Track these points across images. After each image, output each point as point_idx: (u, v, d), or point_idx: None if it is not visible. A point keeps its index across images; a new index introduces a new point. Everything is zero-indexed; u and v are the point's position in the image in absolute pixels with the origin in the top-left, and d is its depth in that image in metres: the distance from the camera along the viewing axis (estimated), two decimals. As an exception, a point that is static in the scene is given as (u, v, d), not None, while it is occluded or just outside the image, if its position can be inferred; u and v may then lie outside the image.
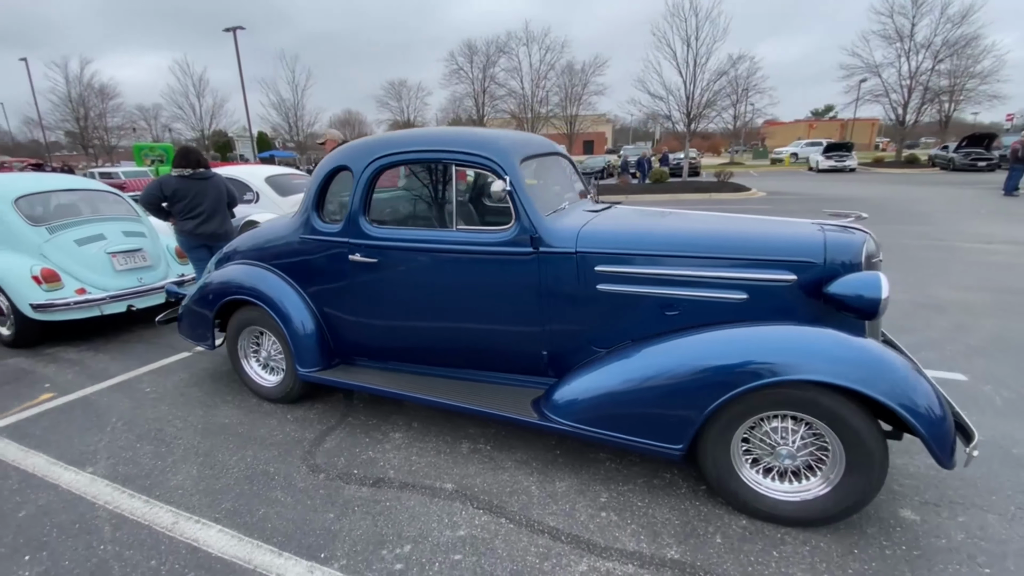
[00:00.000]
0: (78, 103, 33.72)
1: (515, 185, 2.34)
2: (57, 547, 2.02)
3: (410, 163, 2.59)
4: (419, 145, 2.53)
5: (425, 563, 1.89)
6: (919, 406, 1.78)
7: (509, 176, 2.33)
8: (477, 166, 2.41)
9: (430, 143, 2.52)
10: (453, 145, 2.46)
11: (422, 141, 2.55)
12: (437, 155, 2.50)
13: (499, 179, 2.32)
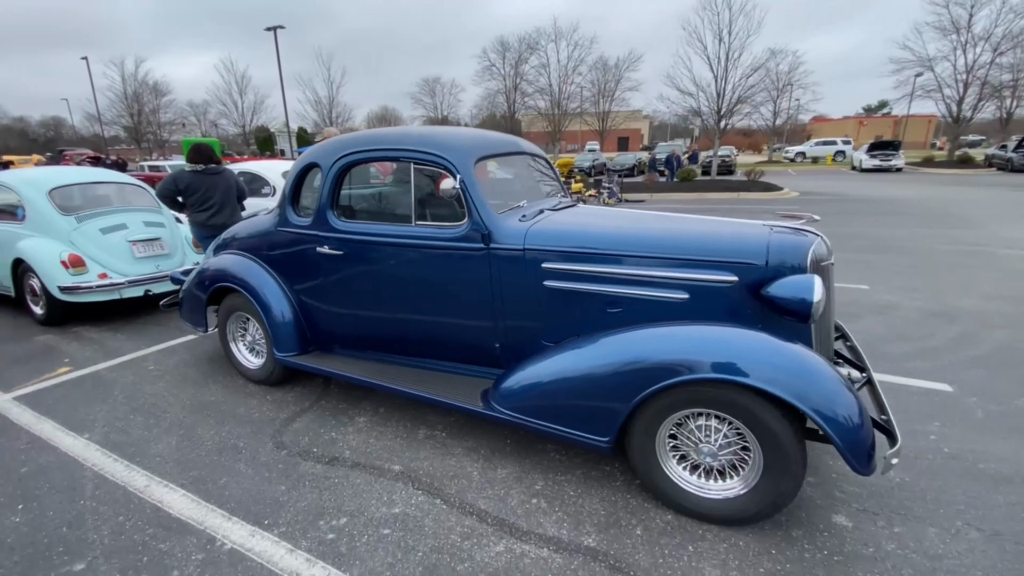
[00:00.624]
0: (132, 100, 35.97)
1: (466, 183, 2.44)
2: (46, 500, 2.28)
3: (372, 160, 2.72)
4: (381, 144, 2.67)
5: (355, 535, 2.03)
6: (834, 412, 1.77)
7: (460, 175, 2.43)
8: (432, 164, 2.52)
9: (391, 142, 2.65)
10: (410, 144, 2.58)
11: (384, 140, 2.68)
12: (396, 153, 2.62)
13: (450, 177, 2.42)
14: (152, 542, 2.01)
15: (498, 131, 9.92)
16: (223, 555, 1.94)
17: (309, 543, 1.99)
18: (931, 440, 2.65)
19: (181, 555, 1.94)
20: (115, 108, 36.41)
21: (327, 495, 2.27)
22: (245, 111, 38.99)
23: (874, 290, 5.43)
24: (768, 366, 1.85)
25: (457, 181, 2.40)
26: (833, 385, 1.85)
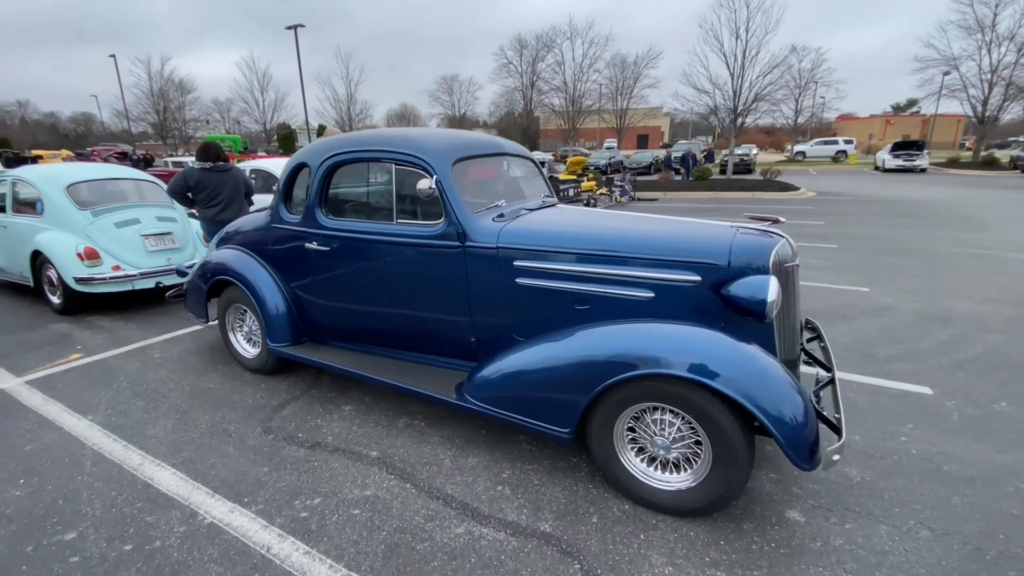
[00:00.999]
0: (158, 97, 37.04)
1: (443, 184, 2.54)
2: (46, 475, 2.46)
3: (357, 161, 2.84)
4: (365, 145, 2.79)
5: (327, 514, 2.16)
6: (777, 410, 1.83)
7: (437, 175, 2.54)
8: (410, 164, 2.63)
9: (374, 143, 2.77)
10: (391, 145, 2.70)
11: (368, 141, 2.80)
12: (379, 154, 2.74)
13: (427, 177, 2.53)
14: (139, 515, 2.17)
15: (515, 129, 9.69)
16: (202, 528, 2.08)
17: (283, 520, 2.12)
18: (900, 441, 2.67)
19: (164, 527, 2.09)
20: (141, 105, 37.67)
21: (305, 477, 2.41)
22: (266, 108, 39.83)
23: (874, 292, 5.38)
24: (717, 363, 1.91)
25: (433, 181, 2.51)
26: (779, 384, 1.91)
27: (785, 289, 2.31)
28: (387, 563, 1.90)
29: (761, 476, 2.40)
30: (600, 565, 1.88)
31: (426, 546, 1.98)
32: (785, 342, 2.35)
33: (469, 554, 1.94)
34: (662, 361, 1.95)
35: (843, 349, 3.85)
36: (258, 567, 1.88)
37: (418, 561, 1.91)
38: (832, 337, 4.08)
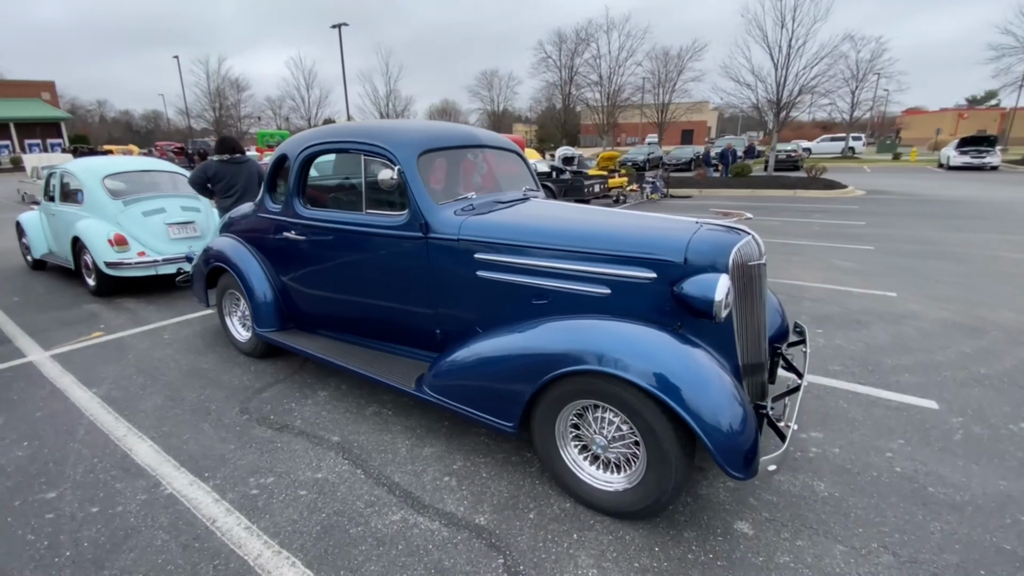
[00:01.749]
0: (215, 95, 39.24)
1: (406, 174, 2.57)
2: (46, 439, 2.68)
3: (330, 152, 2.92)
4: (337, 137, 2.86)
5: (275, 493, 2.24)
6: (710, 414, 1.75)
7: (400, 165, 2.57)
8: (375, 155, 2.67)
9: (346, 135, 2.83)
10: (360, 136, 2.75)
11: (340, 133, 2.86)
12: (348, 145, 2.80)
13: (389, 168, 2.56)
14: (112, 481, 2.33)
15: (554, 124, 9.51)
16: (161, 498, 2.21)
17: (234, 496, 2.23)
18: (885, 457, 2.49)
19: (129, 495, 2.23)
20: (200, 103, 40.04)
21: (266, 457, 2.51)
22: (311, 105, 41.40)
23: (901, 298, 5.02)
24: (651, 364, 1.85)
25: (395, 172, 2.54)
26: (716, 388, 1.82)
27: (748, 289, 2.20)
28: (317, 543, 1.95)
29: (718, 484, 2.30)
30: (524, 561, 1.87)
31: (359, 530, 2.02)
32: (749, 344, 2.24)
33: (398, 541, 1.97)
34: (597, 358, 1.90)
35: (846, 356, 3.62)
36: (200, 537, 1.98)
37: (347, 544, 1.95)
38: (838, 344, 3.85)
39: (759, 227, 9.13)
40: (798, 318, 4.44)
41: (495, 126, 50.78)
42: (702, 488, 2.27)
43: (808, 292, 5.26)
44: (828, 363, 3.53)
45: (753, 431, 1.81)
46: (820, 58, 16.53)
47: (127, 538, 1.98)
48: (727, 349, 2.14)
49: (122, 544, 1.95)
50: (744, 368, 2.20)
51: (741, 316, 2.17)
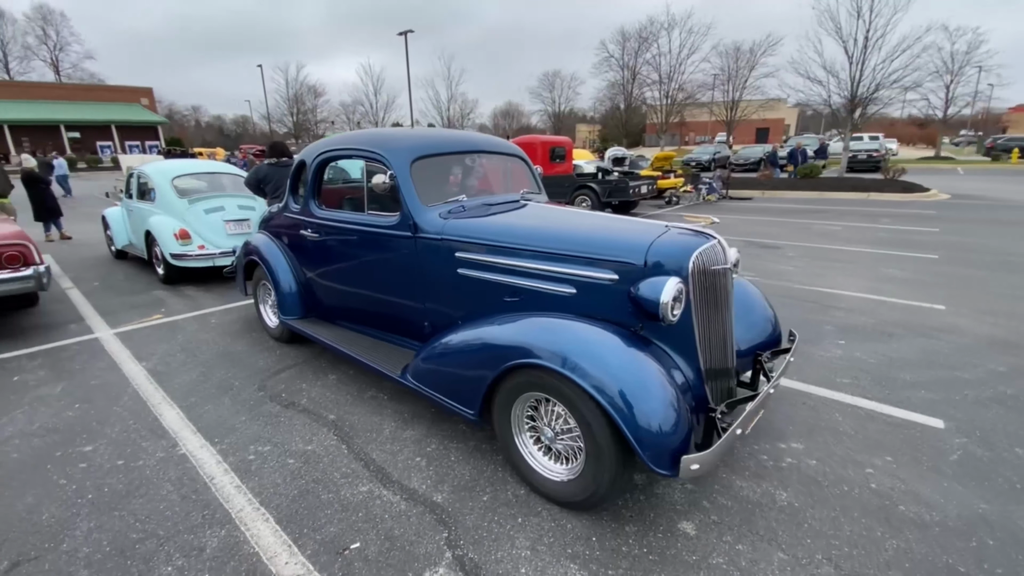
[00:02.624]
0: (292, 101, 42.21)
1: (398, 178, 2.78)
2: (94, 403, 3.14)
3: (340, 158, 3.20)
4: (344, 144, 3.13)
5: (268, 459, 2.53)
6: (638, 411, 1.81)
7: (392, 170, 2.79)
8: (374, 161, 2.91)
9: (350, 142, 3.10)
10: (363, 144, 3.00)
11: (348, 141, 3.14)
12: (353, 152, 3.07)
13: (382, 173, 2.79)
14: (139, 440, 2.72)
15: (615, 123, 9.40)
16: (175, 457, 2.57)
17: (234, 459, 2.54)
18: (864, 473, 2.39)
19: (150, 452, 2.61)
20: (280, 108, 43.26)
21: (268, 428, 2.82)
22: (378, 110, 43.42)
23: (949, 311, 4.64)
24: (587, 360, 1.93)
25: (387, 176, 2.76)
26: (649, 388, 1.87)
27: (710, 294, 2.22)
28: (292, 504, 2.21)
29: (675, 485, 2.32)
30: (466, 537, 2.01)
31: (329, 497, 2.26)
32: (712, 350, 2.25)
33: (360, 509, 2.18)
34: (543, 353, 2.00)
35: (859, 369, 3.44)
36: (198, 491, 2.30)
37: (316, 507, 2.19)
38: (856, 356, 3.67)
39: (820, 232, 8.66)
40: (822, 328, 4.25)
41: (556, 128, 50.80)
42: (659, 487, 2.31)
43: (842, 301, 4.98)
44: (837, 375, 3.38)
45: (684, 432, 1.85)
46: (903, 50, 15.19)
47: (139, 487, 2.33)
48: (688, 352, 2.17)
49: (135, 492, 2.30)
50: (708, 372, 2.22)
51: (703, 320, 2.19)
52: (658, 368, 1.96)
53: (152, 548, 1.97)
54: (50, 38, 44.87)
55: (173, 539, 2.01)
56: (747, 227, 9.67)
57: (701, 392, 2.18)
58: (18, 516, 2.14)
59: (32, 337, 4.27)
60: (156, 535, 2.03)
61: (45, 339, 4.22)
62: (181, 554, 1.94)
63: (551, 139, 12.55)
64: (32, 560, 1.91)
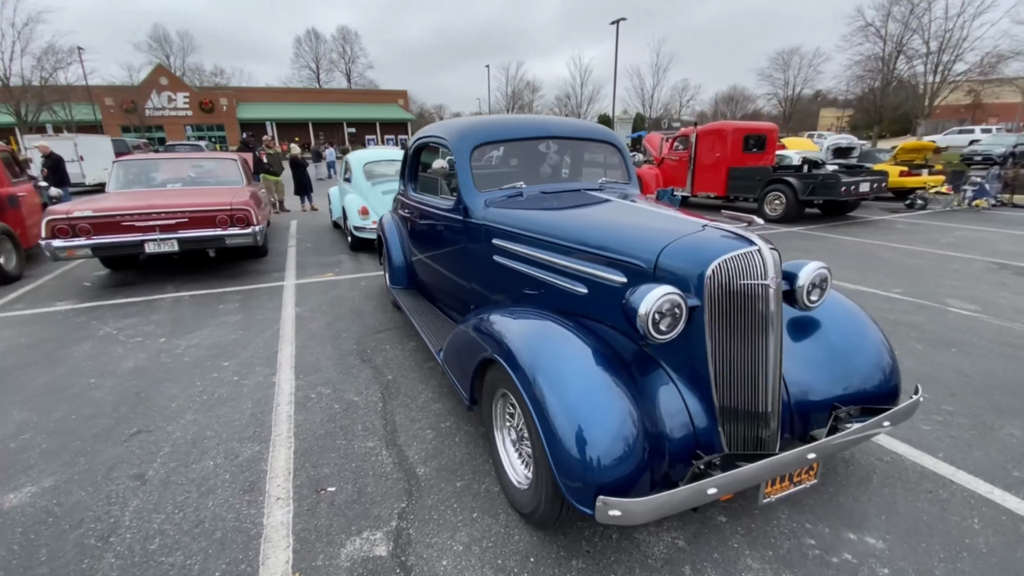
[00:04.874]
0: (510, 98, 45.81)
1: (456, 164, 2.89)
2: (250, 333, 4.10)
3: (425, 145, 3.43)
4: (429, 132, 3.36)
5: (322, 400, 2.97)
6: (572, 440, 1.56)
7: (452, 156, 2.90)
8: (442, 147, 3.06)
9: (432, 130, 3.31)
10: (436, 131, 3.18)
11: (432, 129, 3.35)
12: (431, 139, 3.27)
13: (441, 158, 2.92)
14: (255, 364, 3.47)
15: (867, 105, 8.28)
16: (269, 382, 3.21)
17: (301, 394, 3.05)
18: None
19: (257, 374, 3.31)
20: (500, 105, 47.44)
21: (340, 376, 3.29)
22: (582, 101, 44.01)
23: None
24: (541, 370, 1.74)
25: (446, 161, 2.89)
26: (597, 411, 1.60)
27: (742, 315, 1.75)
28: (314, 440, 2.57)
29: (662, 536, 1.94)
30: (418, 515, 2.06)
31: (342, 443, 2.55)
32: (736, 385, 1.79)
33: (355, 460, 2.41)
34: (507, 351, 1.89)
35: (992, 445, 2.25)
36: (264, 412, 2.85)
37: (327, 448, 2.50)
38: None
39: None
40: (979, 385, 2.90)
41: (788, 113, 43.97)
42: (640, 533, 1.96)
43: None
44: (1007, 465, 2.28)
45: (626, 472, 1.53)
46: None
47: (233, 399, 3.00)
48: (697, 382, 1.79)
49: (228, 402, 2.97)
50: (724, 412, 1.79)
51: (722, 346, 1.77)
52: (624, 393, 1.66)
53: (211, 445, 2.54)
54: (346, 53, 57.85)
55: (226, 443, 2.56)
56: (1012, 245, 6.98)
57: (711, 434, 1.77)
58: (158, 402, 3.00)
59: (246, 278, 5.76)
60: (219, 436, 2.62)
61: (252, 281, 5.66)
62: (223, 455, 2.46)
63: (745, 125, 11.00)
64: (147, 432, 2.67)
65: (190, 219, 5.25)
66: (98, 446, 2.54)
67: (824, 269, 2.02)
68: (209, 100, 42.03)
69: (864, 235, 8.07)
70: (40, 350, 3.75)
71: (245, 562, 1.82)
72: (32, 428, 2.70)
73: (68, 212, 4.88)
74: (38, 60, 28.06)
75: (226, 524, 2.01)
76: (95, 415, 2.83)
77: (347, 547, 1.89)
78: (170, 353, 3.70)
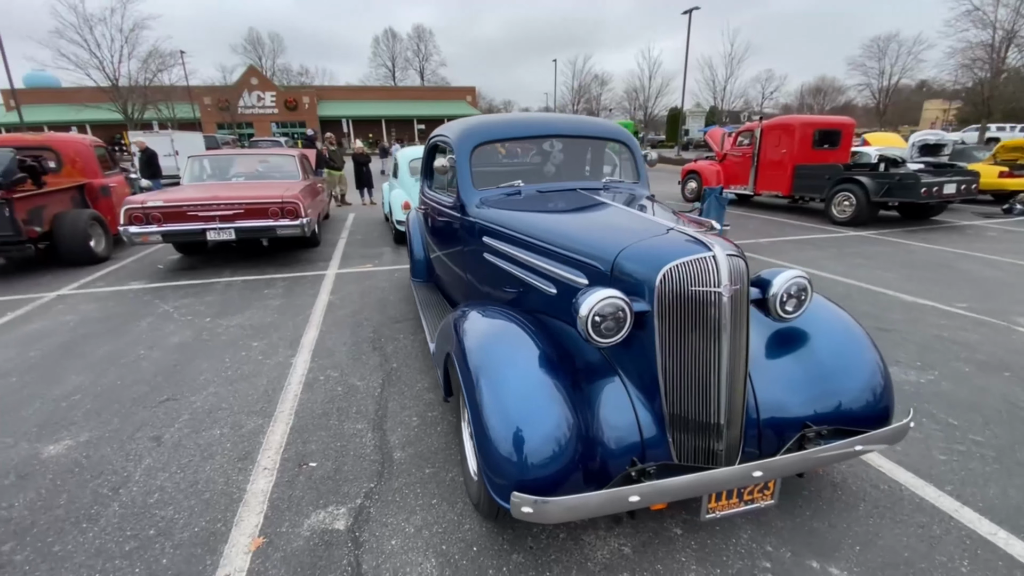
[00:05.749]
0: (576, 92, 45.28)
1: (457, 162, 2.97)
2: (285, 314, 4.44)
3: (437, 145, 3.53)
4: (438, 131, 3.46)
5: (329, 381, 3.18)
6: (499, 430, 1.61)
7: (453, 154, 2.98)
8: (446, 145, 3.15)
9: (441, 130, 3.41)
10: (443, 131, 3.28)
11: (441, 129, 3.45)
12: (440, 139, 3.36)
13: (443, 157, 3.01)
14: (280, 346, 3.77)
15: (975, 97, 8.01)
16: (288, 362, 3.47)
17: (311, 375, 3.28)
18: None
19: (280, 355, 3.60)
20: (565, 99, 47.12)
21: (350, 360, 3.50)
22: (650, 95, 42.54)
23: None
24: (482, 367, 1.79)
25: (447, 159, 2.98)
26: (531, 409, 1.63)
27: (696, 322, 1.70)
28: (310, 418, 2.77)
29: (610, 539, 1.92)
30: (381, 496, 2.18)
31: (334, 423, 2.73)
32: (686, 393, 1.75)
33: (342, 440, 2.58)
34: (457, 346, 1.96)
35: None
36: (275, 390, 3.10)
37: (320, 427, 2.69)
38: None
39: None
40: None
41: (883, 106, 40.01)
42: (589, 535, 1.96)
43: None
44: None
45: (550, 472, 1.55)
46: None
47: (253, 376, 3.28)
48: (648, 389, 1.78)
49: (248, 378, 3.26)
50: (673, 420, 1.76)
51: (672, 352, 1.73)
52: (563, 398, 1.67)
53: (223, 415, 2.82)
54: (420, 51, 59.75)
55: (235, 415, 2.82)
56: None
57: (660, 442, 1.75)
58: (190, 374, 3.34)
59: (295, 266, 6.21)
60: (231, 408, 2.89)
61: (300, 269, 6.09)
62: (230, 426, 2.72)
63: (816, 120, 10.18)
64: (174, 400, 3.00)
65: (246, 210, 5.74)
66: (132, 409, 2.89)
67: (802, 279, 1.90)
68: (293, 99, 45.15)
69: (944, 242, 7.26)
70: (108, 323, 4.30)
71: (222, 522, 2.03)
72: (83, 390, 3.12)
73: (143, 202, 5.51)
74: (143, 63, 31.41)
75: (215, 487, 2.24)
76: (136, 382, 3.22)
77: (312, 518, 2.05)
78: (211, 331, 4.09)
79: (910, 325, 4.02)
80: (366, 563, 1.83)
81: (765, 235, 8.00)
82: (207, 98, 42.42)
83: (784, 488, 2.16)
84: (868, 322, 4.06)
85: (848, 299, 4.67)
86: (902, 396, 2.89)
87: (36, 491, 2.21)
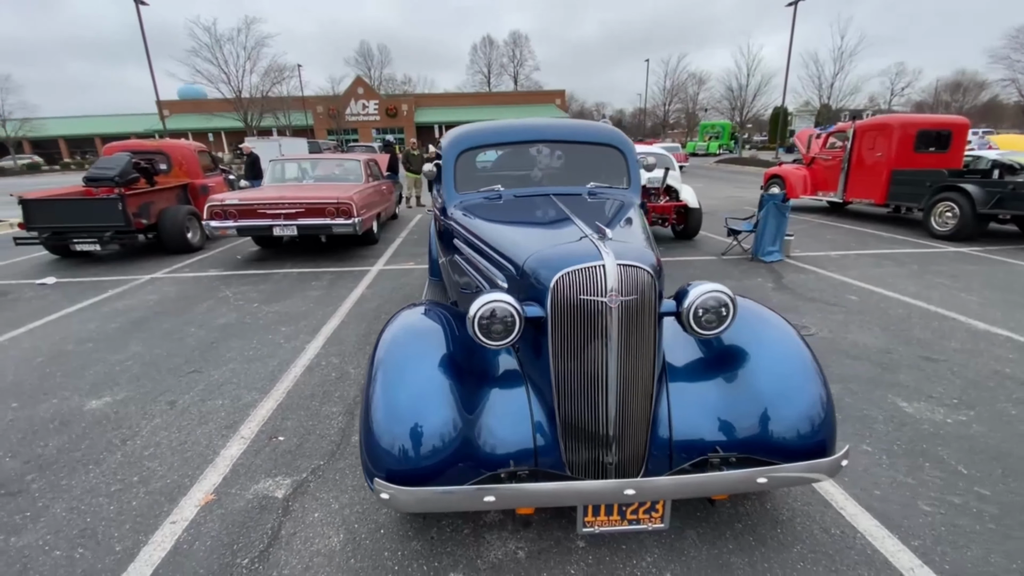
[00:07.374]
0: (668, 93, 43.40)
1: (443, 167, 3.11)
2: (320, 304, 4.88)
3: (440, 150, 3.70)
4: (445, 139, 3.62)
5: (329, 368, 3.48)
6: (379, 418, 1.71)
7: (441, 160, 3.13)
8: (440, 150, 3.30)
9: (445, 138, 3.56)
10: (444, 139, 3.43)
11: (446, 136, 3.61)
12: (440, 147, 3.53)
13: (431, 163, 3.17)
14: (301, 332, 4.17)
15: None
16: (302, 347, 3.85)
17: (316, 360, 3.61)
18: None
19: (297, 340, 3.99)
20: (657, 99, 45.47)
21: (356, 351, 3.78)
22: (747, 94, 39.49)
23: None
24: (387, 353, 1.91)
25: (433, 165, 3.13)
26: (419, 402, 1.72)
27: (588, 330, 1.69)
28: (299, 399, 3.06)
29: (524, 541, 1.94)
30: (326, 473, 2.38)
31: (316, 405, 3.00)
32: (578, 402, 1.74)
33: (315, 419, 2.83)
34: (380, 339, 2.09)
35: None
36: (282, 371, 3.46)
37: (303, 407, 2.97)
38: None
39: None
40: None
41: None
42: (490, 534, 1.99)
43: None
44: None
45: (425, 465, 1.63)
46: None
47: (268, 357, 3.68)
48: (544, 394, 1.81)
49: (263, 359, 3.66)
50: (566, 428, 1.77)
51: (564, 359, 1.74)
52: (451, 398, 1.75)
53: (230, 389, 3.21)
54: (515, 57, 61.00)
55: (239, 389, 3.20)
56: None
57: (552, 448, 1.77)
58: (220, 352, 3.82)
59: (347, 262, 6.75)
60: (239, 383, 3.28)
61: (350, 264, 6.61)
62: (231, 398, 3.09)
63: (921, 119, 8.94)
64: (199, 372, 3.46)
65: (306, 209, 6.37)
66: (164, 377, 3.40)
67: (720, 293, 1.78)
68: (393, 106, 48.36)
69: (1071, 263, 6.06)
70: (178, 304, 5.02)
71: (190, 477, 2.35)
72: (136, 358, 3.71)
73: (222, 200, 6.34)
74: (263, 76, 35.41)
75: (198, 448, 2.58)
76: (177, 354, 3.76)
77: (259, 484, 2.30)
78: (254, 316, 4.63)
79: (966, 356, 3.46)
80: (285, 529, 2.03)
81: (841, 248, 7.21)
82: (319, 107, 46.85)
83: (712, 516, 2.05)
84: (916, 350, 3.57)
85: (903, 323, 4.12)
86: (911, 437, 2.54)
87: (69, 435, 2.71)
